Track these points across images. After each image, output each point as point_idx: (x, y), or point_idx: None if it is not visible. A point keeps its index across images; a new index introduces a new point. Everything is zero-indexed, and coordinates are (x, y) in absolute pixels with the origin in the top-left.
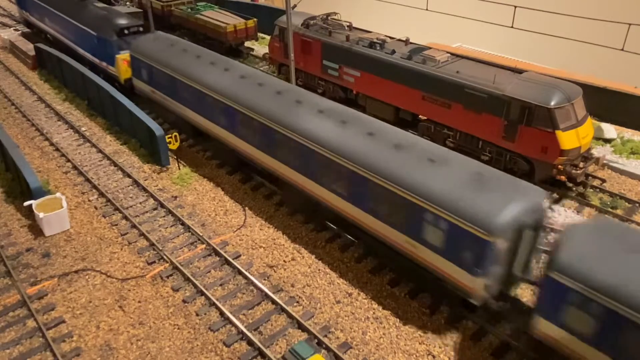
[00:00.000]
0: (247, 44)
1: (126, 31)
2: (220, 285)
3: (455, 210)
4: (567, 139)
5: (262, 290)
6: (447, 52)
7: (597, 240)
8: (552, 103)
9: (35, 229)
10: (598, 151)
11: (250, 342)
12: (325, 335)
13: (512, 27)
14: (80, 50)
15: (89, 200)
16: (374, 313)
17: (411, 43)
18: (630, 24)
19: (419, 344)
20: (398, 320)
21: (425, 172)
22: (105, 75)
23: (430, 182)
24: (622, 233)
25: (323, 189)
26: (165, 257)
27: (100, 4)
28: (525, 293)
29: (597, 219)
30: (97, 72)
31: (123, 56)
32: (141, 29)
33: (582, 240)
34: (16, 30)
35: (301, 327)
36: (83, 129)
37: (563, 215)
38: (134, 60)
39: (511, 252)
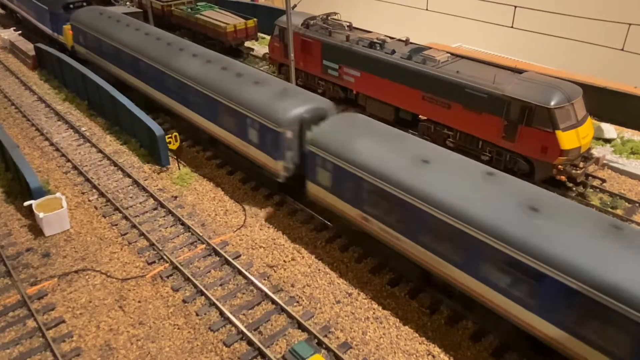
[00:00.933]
0: (247, 44)
1: (72, 6)
2: (220, 285)
3: (263, 114)
4: (567, 139)
5: (262, 290)
6: (447, 52)
7: (339, 125)
8: (552, 103)
9: (35, 229)
10: (598, 151)
11: (250, 342)
12: (325, 335)
13: (512, 27)
14: (40, 25)
15: (89, 200)
16: (374, 313)
17: (411, 43)
18: (630, 24)
19: (419, 344)
20: (398, 320)
21: (250, 90)
22: (59, 45)
23: (253, 96)
24: (357, 120)
25: (201, 118)
26: (165, 257)
27: None
28: None
29: (347, 113)
30: (53, 44)
31: (68, 26)
32: (85, 4)
33: (328, 125)
34: (16, 30)
35: (301, 327)
36: (83, 129)
37: None
38: (74, 28)
39: (299, 140)
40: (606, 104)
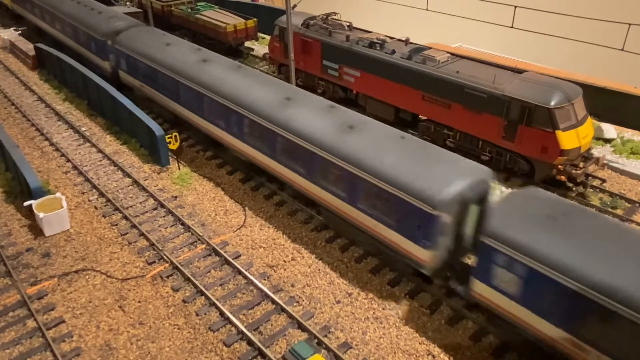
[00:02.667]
0: (247, 44)
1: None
2: (220, 285)
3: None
4: (567, 139)
5: (262, 290)
6: (447, 52)
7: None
8: (552, 103)
9: (35, 229)
10: (598, 151)
11: (250, 342)
12: (325, 335)
13: (512, 27)
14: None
15: (89, 200)
16: (374, 313)
17: (411, 43)
18: (630, 24)
19: (419, 344)
20: (398, 320)
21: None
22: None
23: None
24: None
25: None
26: (165, 257)
27: None
28: None
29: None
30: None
31: None
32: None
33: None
34: (16, 30)
35: (301, 327)
36: (83, 129)
37: None
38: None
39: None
40: (606, 104)
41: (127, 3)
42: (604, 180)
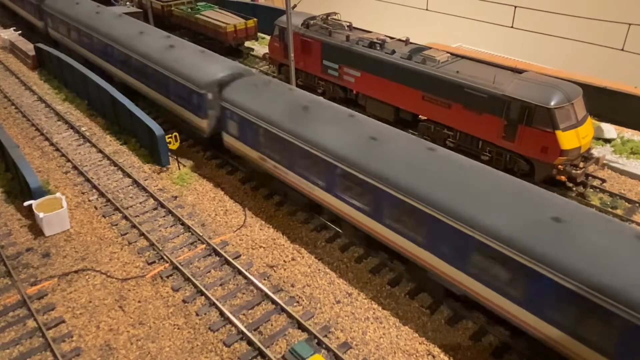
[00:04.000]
0: (247, 44)
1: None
2: (220, 285)
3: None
4: (567, 139)
5: (262, 290)
6: (447, 52)
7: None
8: (552, 103)
9: (35, 229)
10: (598, 151)
11: (250, 342)
12: (325, 335)
13: (512, 27)
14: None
15: (89, 200)
16: (374, 313)
17: (411, 43)
18: (630, 24)
19: (419, 344)
20: (398, 320)
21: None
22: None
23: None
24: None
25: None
26: (165, 257)
27: None
28: None
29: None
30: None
31: None
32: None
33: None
34: (16, 30)
35: (301, 327)
36: (83, 129)
37: None
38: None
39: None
40: (606, 104)
41: (127, 3)
42: (604, 180)
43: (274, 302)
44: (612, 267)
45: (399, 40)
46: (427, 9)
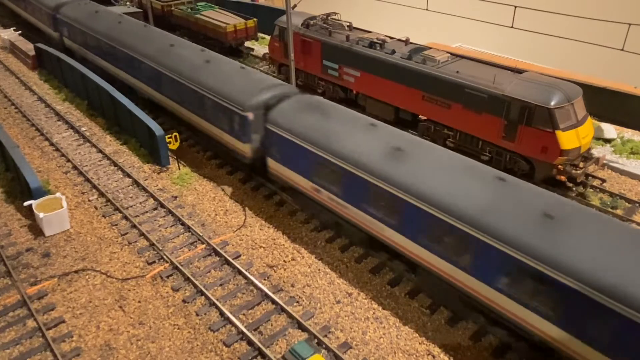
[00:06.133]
0: (247, 44)
1: None
2: (220, 285)
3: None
4: (567, 139)
5: (262, 290)
6: (447, 52)
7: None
8: (552, 103)
9: (35, 229)
10: (598, 151)
11: (250, 342)
12: (325, 335)
13: (512, 27)
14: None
15: (89, 200)
16: (374, 313)
17: (411, 43)
18: (630, 24)
19: (419, 344)
20: (398, 320)
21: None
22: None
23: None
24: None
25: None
26: (165, 257)
27: None
28: None
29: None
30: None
31: None
32: None
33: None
34: (16, 30)
35: (301, 327)
36: (83, 129)
37: None
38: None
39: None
40: (606, 104)
41: (127, 3)
42: (604, 180)
43: (274, 302)
44: None
45: (399, 40)
46: (427, 9)
